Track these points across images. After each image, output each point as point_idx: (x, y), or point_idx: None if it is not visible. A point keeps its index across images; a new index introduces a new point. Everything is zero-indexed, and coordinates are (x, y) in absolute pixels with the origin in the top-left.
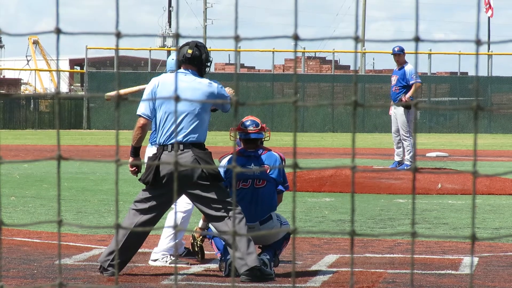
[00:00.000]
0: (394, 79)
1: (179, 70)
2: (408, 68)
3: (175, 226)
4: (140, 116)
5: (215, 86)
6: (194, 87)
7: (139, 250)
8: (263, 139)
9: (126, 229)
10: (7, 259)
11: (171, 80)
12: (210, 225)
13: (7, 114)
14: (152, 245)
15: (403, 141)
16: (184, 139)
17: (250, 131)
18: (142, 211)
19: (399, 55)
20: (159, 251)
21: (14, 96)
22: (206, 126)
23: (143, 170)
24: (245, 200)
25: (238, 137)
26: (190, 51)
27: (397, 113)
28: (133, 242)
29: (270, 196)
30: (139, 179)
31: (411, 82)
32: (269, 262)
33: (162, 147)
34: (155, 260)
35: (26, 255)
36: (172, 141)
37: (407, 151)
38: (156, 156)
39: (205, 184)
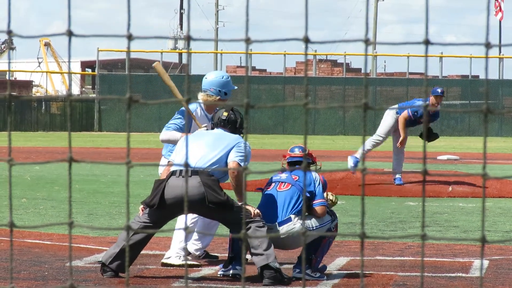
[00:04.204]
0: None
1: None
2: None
3: (185, 228)
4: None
5: (240, 140)
6: (222, 133)
7: (150, 252)
8: (311, 165)
9: (137, 231)
10: (18, 261)
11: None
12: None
13: (18, 116)
14: (164, 247)
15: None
16: (194, 166)
17: (295, 155)
18: (144, 222)
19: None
20: (174, 251)
21: (26, 98)
22: (222, 164)
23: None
24: (264, 202)
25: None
26: (225, 114)
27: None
28: (133, 245)
29: (290, 198)
30: (143, 202)
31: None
32: (308, 275)
33: (171, 173)
34: (168, 258)
35: (37, 257)
36: (181, 167)
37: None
38: (163, 180)
39: (213, 210)
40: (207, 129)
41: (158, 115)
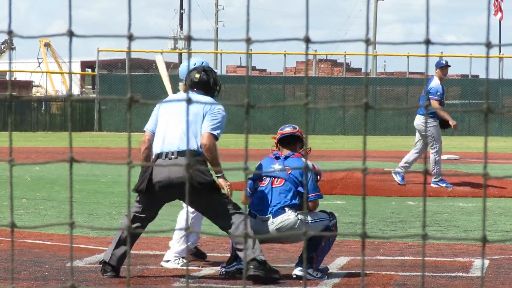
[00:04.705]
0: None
1: (189, 92)
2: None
3: (187, 228)
4: (144, 131)
5: (214, 105)
6: (196, 98)
7: (150, 253)
8: (302, 145)
9: (136, 231)
10: (18, 261)
11: (174, 96)
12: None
13: (18, 116)
14: (164, 247)
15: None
16: (178, 147)
17: (285, 132)
18: (136, 212)
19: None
20: (172, 253)
21: (26, 98)
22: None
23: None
24: (259, 198)
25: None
26: (197, 76)
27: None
28: (125, 239)
29: (285, 193)
30: (133, 189)
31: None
32: (309, 275)
33: (157, 155)
34: (167, 261)
35: (37, 257)
36: (166, 149)
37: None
38: (150, 163)
39: (199, 192)
40: None
41: None
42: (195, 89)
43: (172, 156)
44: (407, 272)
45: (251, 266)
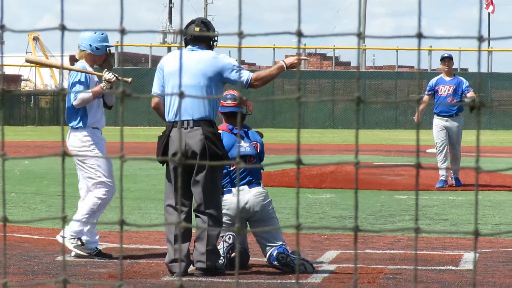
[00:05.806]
0: (447, 89)
1: (188, 47)
2: (462, 79)
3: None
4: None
5: (220, 58)
6: (198, 59)
7: (140, 247)
8: (245, 113)
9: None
10: (7, 256)
11: (174, 55)
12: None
13: (7, 110)
14: (154, 241)
15: (458, 156)
16: (192, 116)
17: (228, 105)
18: (170, 199)
19: (449, 60)
20: (69, 231)
21: (18, 93)
22: (216, 102)
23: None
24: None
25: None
26: (197, 29)
27: (452, 126)
28: (184, 233)
29: (256, 172)
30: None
31: (469, 95)
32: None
33: (171, 124)
34: (63, 237)
35: (27, 252)
36: (181, 118)
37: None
38: (165, 134)
39: (208, 167)
40: (109, 73)
41: (147, 109)
42: (196, 45)
43: (188, 126)
44: (397, 265)
45: (197, 266)
